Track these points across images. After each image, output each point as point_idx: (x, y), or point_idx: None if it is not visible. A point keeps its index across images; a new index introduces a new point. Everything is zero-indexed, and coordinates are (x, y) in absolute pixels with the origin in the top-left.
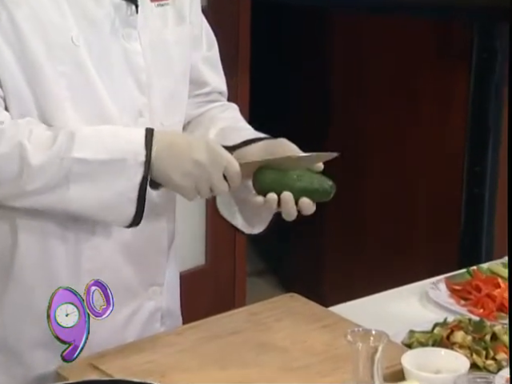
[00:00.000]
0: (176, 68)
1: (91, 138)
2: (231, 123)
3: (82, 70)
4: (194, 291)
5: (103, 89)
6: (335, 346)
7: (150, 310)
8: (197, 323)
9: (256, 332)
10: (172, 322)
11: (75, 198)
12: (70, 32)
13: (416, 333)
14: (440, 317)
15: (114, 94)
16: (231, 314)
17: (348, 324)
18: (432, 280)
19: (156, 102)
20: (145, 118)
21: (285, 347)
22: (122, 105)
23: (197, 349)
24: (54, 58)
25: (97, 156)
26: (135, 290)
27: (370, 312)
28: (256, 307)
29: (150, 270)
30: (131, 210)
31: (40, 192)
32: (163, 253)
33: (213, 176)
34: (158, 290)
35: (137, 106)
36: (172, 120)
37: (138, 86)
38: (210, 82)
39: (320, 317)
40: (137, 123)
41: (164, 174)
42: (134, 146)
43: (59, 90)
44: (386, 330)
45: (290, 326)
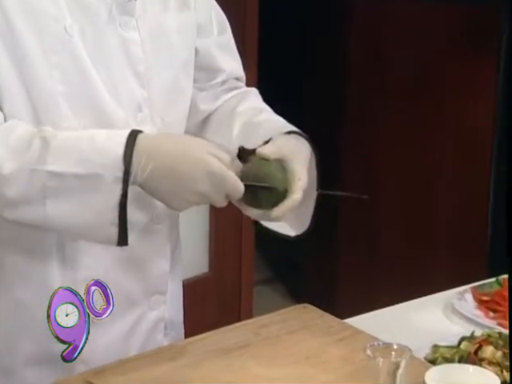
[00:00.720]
0: (178, 58)
1: (67, 146)
2: (251, 116)
3: (77, 61)
4: (196, 301)
5: (99, 82)
6: (353, 361)
7: (153, 320)
8: (202, 336)
9: (266, 346)
10: (175, 333)
11: (54, 215)
12: (64, 21)
13: (440, 348)
14: (467, 330)
15: (112, 87)
16: (239, 326)
17: (366, 337)
18: (457, 290)
19: (156, 95)
20: (144, 113)
21: (298, 362)
22: (120, 98)
23: (202, 364)
24: (47, 49)
25: (71, 169)
26: (136, 298)
27: (390, 325)
28: (266, 319)
29: (153, 277)
30: (113, 232)
31: (15, 203)
32: (166, 260)
33: (214, 200)
34: (160, 299)
35: (136, 99)
36: (174, 115)
37: (137, 78)
38: (224, 68)
39: (336, 329)
40: (136, 118)
41: (158, 197)
42: (111, 158)
43: (52, 83)
44: (407, 344)
45: (303, 339)
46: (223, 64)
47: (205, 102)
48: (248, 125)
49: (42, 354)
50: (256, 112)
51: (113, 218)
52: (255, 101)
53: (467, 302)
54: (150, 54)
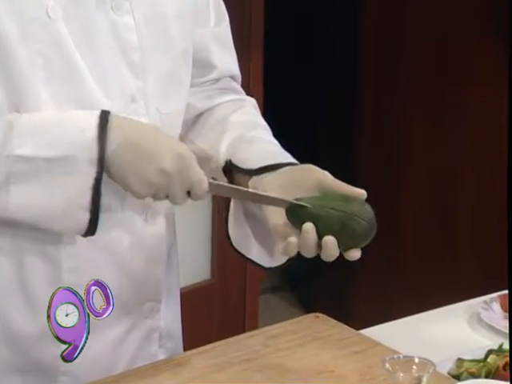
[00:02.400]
0: (176, 46)
1: (33, 128)
2: (245, 130)
3: (61, 48)
4: (197, 310)
5: (86, 70)
6: (370, 376)
7: (146, 330)
8: (205, 348)
9: (275, 359)
10: (172, 345)
11: (17, 203)
12: (46, 3)
13: (466, 361)
14: (494, 343)
15: (100, 77)
16: (245, 337)
17: (384, 350)
18: (483, 298)
19: (151, 86)
20: (138, 104)
21: (309, 377)
22: (109, 89)
23: (206, 379)
24: (28, 35)
25: (39, 152)
26: (128, 306)
27: (409, 336)
28: (274, 329)
29: (146, 283)
30: (84, 218)
31: None
32: (161, 265)
33: (175, 190)
34: (155, 307)
35: (129, 90)
36: (170, 107)
37: (130, 66)
38: (217, 64)
39: (351, 341)
40: (127, 109)
41: (120, 175)
42: (84, 138)
43: (33, 71)
44: (429, 357)
45: (315, 351)
46: (217, 60)
47: (196, 98)
48: (239, 139)
49: (22, 363)
50: (251, 126)
51: (85, 203)
52: (252, 113)
53: (494, 312)
54: (145, 40)
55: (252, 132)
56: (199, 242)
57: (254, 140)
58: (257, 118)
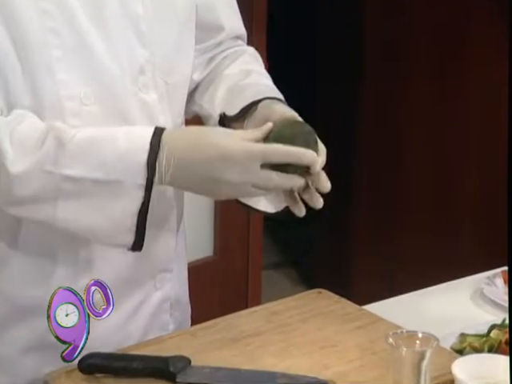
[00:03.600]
0: (179, 15)
1: (85, 149)
2: (238, 79)
3: (74, 23)
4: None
5: (99, 44)
6: (372, 351)
7: (158, 301)
8: (208, 324)
9: (278, 334)
10: (181, 314)
11: (64, 218)
12: None
13: (468, 336)
14: (497, 318)
15: (112, 50)
16: (248, 313)
17: (387, 325)
18: (487, 274)
19: (159, 57)
20: (147, 76)
21: (312, 352)
22: (121, 62)
23: (209, 353)
24: (41, 12)
25: (88, 174)
26: (141, 277)
27: (412, 312)
28: (277, 305)
29: (158, 254)
30: (128, 239)
31: (23, 202)
32: (172, 234)
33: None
34: (166, 278)
35: (138, 61)
36: (177, 77)
37: (139, 37)
38: (224, 25)
39: (354, 316)
40: (138, 83)
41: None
42: (133, 164)
43: (48, 49)
44: (432, 332)
45: (318, 327)
46: (224, 20)
47: (197, 70)
48: (232, 89)
49: (39, 342)
50: (243, 75)
51: (130, 225)
52: (247, 61)
53: (497, 287)
54: (150, 10)
55: (243, 81)
56: (201, 220)
57: (244, 89)
58: (252, 66)
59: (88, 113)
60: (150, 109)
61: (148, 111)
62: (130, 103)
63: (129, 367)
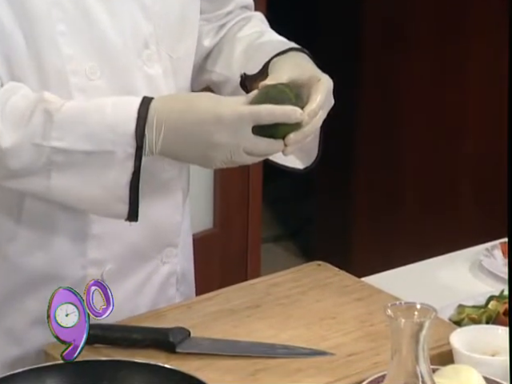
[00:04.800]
0: None
1: (72, 121)
2: (252, 40)
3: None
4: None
5: (103, 17)
6: (371, 323)
7: (165, 275)
8: (207, 296)
9: (277, 306)
10: (186, 288)
11: (58, 189)
12: None
13: (466, 308)
14: (495, 289)
15: (116, 23)
16: (247, 285)
17: (386, 297)
18: (485, 246)
19: (163, 30)
20: (151, 50)
21: (311, 324)
22: (126, 35)
23: (208, 325)
24: None
25: (77, 145)
26: (148, 253)
27: (410, 284)
28: (276, 277)
29: (165, 229)
30: (123, 209)
31: (18, 175)
32: (178, 209)
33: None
34: (173, 252)
35: (142, 35)
36: (182, 51)
37: (142, 10)
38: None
39: (353, 288)
40: (142, 56)
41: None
42: (122, 134)
43: (52, 22)
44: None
45: (317, 299)
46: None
47: (208, 37)
48: (248, 49)
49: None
50: (257, 35)
51: (123, 196)
52: (257, 25)
53: (496, 259)
54: None
55: (258, 40)
56: (201, 192)
57: (261, 46)
58: (262, 27)
59: (94, 87)
60: (155, 83)
61: (153, 85)
62: (135, 77)
63: (129, 338)
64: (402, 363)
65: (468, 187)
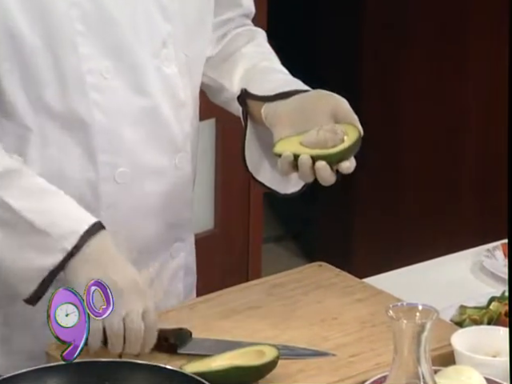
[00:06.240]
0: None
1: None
2: (257, 60)
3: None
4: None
5: (122, 17)
6: (372, 324)
7: (173, 269)
8: (209, 296)
9: (279, 307)
10: (190, 280)
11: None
12: None
13: (468, 309)
14: (497, 290)
15: (135, 23)
16: (250, 285)
17: (387, 298)
18: (487, 246)
19: (180, 30)
20: (168, 49)
21: (313, 325)
22: (143, 35)
23: (210, 325)
24: None
25: (28, 213)
26: (158, 250)
27: (412, 284)
28: (278, 278)
29: (175, 225)
30: (29, 289)
31: None
32: (188, 205)
33: None
34: (181, 247)
35: (161, 34)
36: (196, 50)
37: (161, 10)
38: (242, 2)
39: (354, 289)
40: (160, 56)
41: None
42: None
43: (70, 22)
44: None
45: (318, 300)
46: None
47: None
48: (253, 69)
49: None
50: (263, 57)
51: (36, 280)
52: (263, 45)
53: (497, 260)
54: None
55: (264, 62)
56: (202, 193)
57: (268, 70)
58: (269, 50)
59: (108, 87)
60: (171, 82)
61: (169, 84)
62: (150, 77)
63: None
64: (404, 364)
65: (468, 187)
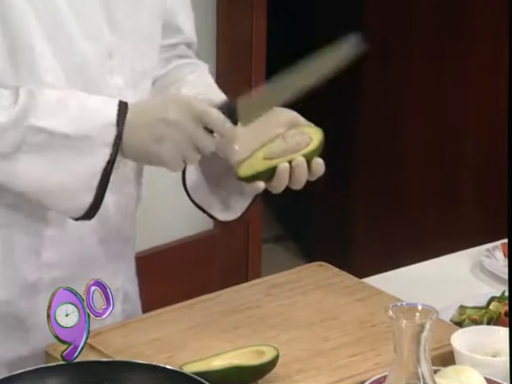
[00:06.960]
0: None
1: (56, 104)
2: (203, 89)
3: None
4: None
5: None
6: (372, 324)
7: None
8: (208, 296)
9: (278, 307)
10: (131, 307)
11: (22, 172)
12: None
13: (468, 309)
14: (496, 290)
15: (84, 30)
16: (249, 285)
17: (387, 298)
18: (486, 246)
19: (128, 44)
20: (115, 61)
21: (312, 325)
22: (92, 43)
23: (209, 325)
24: None
25: (60, 127)
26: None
27: (412, 284)
28: (277, 278)
29: (118, 242)
30: (87, 200)
31: None
32: (133, 222)
33: (191, 132)
34: (120, 267)
35: (106, 44)
36: (144, 65)
37: (109, 22)
38: (183, 29)
39: (354, 289)
40: (106, 67)
41: (136, 147)
42: (103, 121)
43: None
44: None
45: (318, 300)
46: (183, 24)
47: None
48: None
49: None
50: (208, 87)
51: (91, 186)
52: (207, 76)
53: (497, 260)
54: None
55: (210, 92)
56: None
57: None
58: (211, 81)
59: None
60: (117, 94)
61: (114, 96)
62: (99, 85)
63: None
64: (404, 364)
65: (469, 187)
